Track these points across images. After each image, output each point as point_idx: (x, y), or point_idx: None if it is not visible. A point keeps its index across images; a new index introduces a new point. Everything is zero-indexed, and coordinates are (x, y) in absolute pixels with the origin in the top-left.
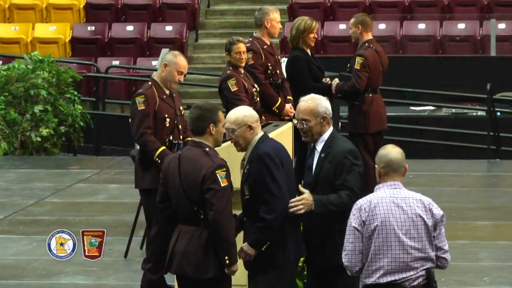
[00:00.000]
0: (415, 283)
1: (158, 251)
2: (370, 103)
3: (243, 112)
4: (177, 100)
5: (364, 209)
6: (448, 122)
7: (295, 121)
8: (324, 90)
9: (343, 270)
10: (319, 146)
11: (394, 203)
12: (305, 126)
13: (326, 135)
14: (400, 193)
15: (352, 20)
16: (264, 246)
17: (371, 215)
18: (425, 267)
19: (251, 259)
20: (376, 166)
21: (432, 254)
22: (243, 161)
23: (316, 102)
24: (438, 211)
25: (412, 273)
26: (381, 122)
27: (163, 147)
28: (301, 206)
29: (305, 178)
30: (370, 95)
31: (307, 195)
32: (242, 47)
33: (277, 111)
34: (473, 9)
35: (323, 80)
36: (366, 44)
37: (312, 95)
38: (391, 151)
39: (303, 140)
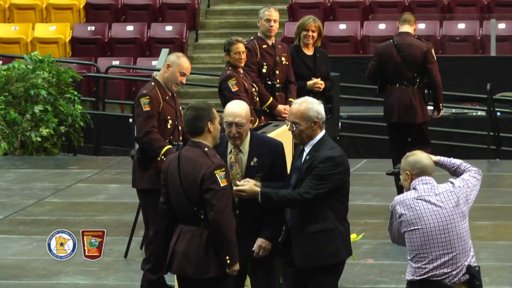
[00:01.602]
0: (455, 279)
1: (157, 251)
2: (388, 94)
3: (247, 106)
4: (177, 101)
5: (403, 207)
6: (448, 122)
7: (287, 123)
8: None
9: (325, 271)
10: (308, 149)
11: (427, 201)
12: (295, 129)
13: (316, 139)
14: (433, 189)
15: None
16: (279, 238)
17: (405, 214)
18: (465, 263)
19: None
20: (407, 172)
21: (471, 247)
22: (231, 153)
23: (307, 106)
24: (458, 182)
25: (451, 269)
26: (393, 114)
27: (169, 146)
28: (243, 194)
29: (292, 179)
30: (389, 86)
31: (252, 182)
32: (241, 47)
33: (267, 110)
34: (473, 9)
35: (312, 80)
36: (393, 36)
37: (306, 98)
38: (422, 157)
39: (294, 142)
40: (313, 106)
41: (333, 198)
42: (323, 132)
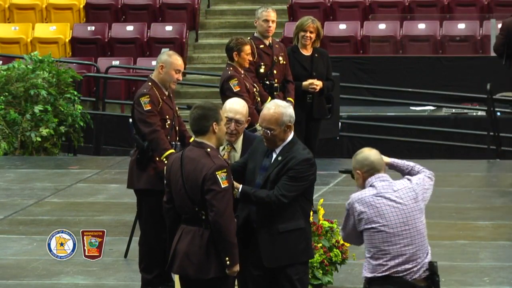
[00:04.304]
0: (416, 275)
1: (149, 251)
2: (508, 66)
3: (247, 105)
4: (174, 101)
5: (362, 204)
6: (448, 122)
7: (258, 128)
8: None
9: (295, 268)
10: (278, 149)
11: (387, 198)
12: (269, 134)
13: (286, 141)
14: (391, 186)
15: None
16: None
17: (365, 211)
18: (425, 259)
19: None
20: (357, 171)
21: (428, 243)
22: (224, 150)
23: (281, 111)
24: (416, 179)
25: (412, 265)
26: None
27: (172, 150)
28: None
29: (257, 179)
30: None
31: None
32: (249, 48)
33: None
34: (473, 9)
35: (308, 81)
36: None
37: (276, 102)
38: (370, 154)
39: (267, 146)
40: (286, 110)
41: (303, 196)
42: (292, 133)
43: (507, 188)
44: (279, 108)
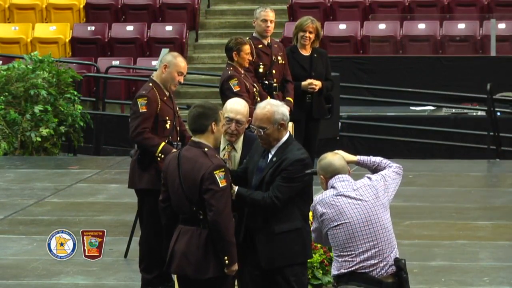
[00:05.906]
0: (383, 271)
1: (150, 251)
2: None
3: (247, 105)
4: (174, 101)
5: (323, 205)
6: (448, 122)
7: (252, 127)
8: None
9: (292, 269)
10: (273, 150)
11: (346, 196)
12: (262, 133)
13: (282, 141)
14: (351, 185)
15: None
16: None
17: (326, 212)
18: (392, 255)
19: None
20: (321, 176)
21: (395, 239)
22: (224, 150)
23: (273, 110)
24: (375, 177)
25: (378, 260)
26: None
27: (164, 143)
28: None
29: (253, 179)
30: None
31: None
32: (249, 48)
33: None
34: (473, 9)
35: (307, 81)
36: None
37: (269, 101)
38: (334, 159)
39: (262, 146)
40: (278, 108)
41: (299, 197)
42: (288, 133)
43: (507, 188)
44: (272, 106)
